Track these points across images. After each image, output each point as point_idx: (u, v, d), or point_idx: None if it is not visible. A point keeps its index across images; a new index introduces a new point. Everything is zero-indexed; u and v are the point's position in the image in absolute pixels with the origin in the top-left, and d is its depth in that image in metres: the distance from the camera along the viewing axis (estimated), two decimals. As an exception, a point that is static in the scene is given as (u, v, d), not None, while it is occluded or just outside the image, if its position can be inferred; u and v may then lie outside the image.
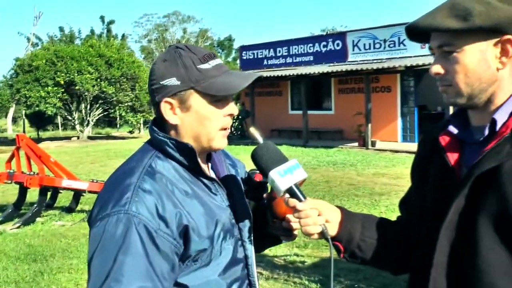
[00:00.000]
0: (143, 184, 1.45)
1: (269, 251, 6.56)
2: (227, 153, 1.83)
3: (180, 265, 1.48)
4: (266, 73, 22.05)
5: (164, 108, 1.53)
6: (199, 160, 1.54)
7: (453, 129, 1.47)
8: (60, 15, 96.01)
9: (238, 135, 23.54)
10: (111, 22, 41.28)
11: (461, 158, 1.45)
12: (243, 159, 1.93)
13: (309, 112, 20.94)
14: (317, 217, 1.53)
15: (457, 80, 1.38)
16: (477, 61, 1.35)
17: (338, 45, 21.57)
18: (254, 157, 1.56)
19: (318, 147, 19.05)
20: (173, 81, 1.51)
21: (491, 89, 1.38)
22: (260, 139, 1.62)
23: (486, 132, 1.39)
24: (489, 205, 1.32)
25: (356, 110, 19.35)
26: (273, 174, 1.50)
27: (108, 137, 31.01)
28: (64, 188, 8.85)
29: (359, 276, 5.53)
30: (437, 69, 1.42)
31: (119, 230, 1.37)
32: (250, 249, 1.65)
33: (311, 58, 22.58)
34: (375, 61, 19.71)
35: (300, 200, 1.51)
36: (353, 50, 21.04)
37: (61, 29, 40.40)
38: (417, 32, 1.44)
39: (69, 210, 9.31)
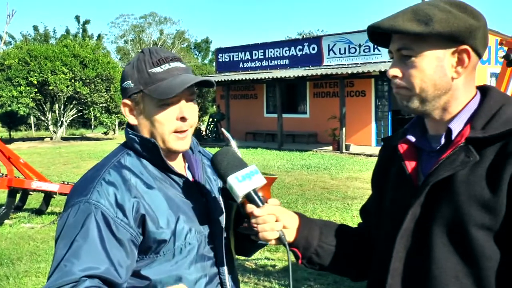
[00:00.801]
0: (107, 176, 1.54)
1: (240, 255, 6.54)
2: (207, 154, 1.85)
3: (143, 257, 1.53)
4: (241, 76, 22.06)
5: (124, 109, 1.63)
6: (163, 156, 1.58)
7: (411, 137, 1.49)
8: (34, 14, 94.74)
9: (213, 138, 23.48)
10: (87, 22, 40.92)
11: (419, 166, 1.47)
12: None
13: (284, 115, 20.99)
14: (275, 223, 1.53)
15: (412, 84, 1.40)
16: (434, 67, 1.37)
17: (313, 49, 21.67)
18: (213, 162, 1.57)
19: (293, 150, 19.10)
20: (129, 84, 1.59)
21: (445, 97, 1.40)
22: (232, 141, 1.66)
23: (442, 141, 1.42)
24: (443, 213, 1.34)
25: (331, 114, 19.46)
26: (231, 179, 1.51)
27: (82, 138, 30.63)
28: (34, 190, 8.71)
29: (329, 280, 5.56)
30: (394, 72, 1.43)
31: (79, 217, 1.47)
32: (221, 248, 1.67)
33: (287, 61, 22.64)
34: (350, 65, 19.86)
35: (258, 206, 1.52)
36: (329, 54, 21.15)
37: (35, 28, 39.97)
38: (378, 33, 1.45)
39: (39, 212, 9.17)
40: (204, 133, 24.09)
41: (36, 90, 25.72)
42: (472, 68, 1.40)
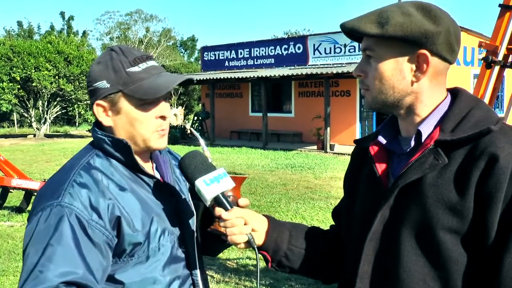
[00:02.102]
0: (78, 178, 1.49)
1: (221, 254, 6.52)
2: (174, 155, 1.84)
3: (117, 261, 1.50)
4: (227, 75, 22.02)
5: (97, 110, 1.58)
6: (136, 156, 1.56)
7: (382, 139, 1.49)
8: (19, 9, 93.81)
9: (198, 136, 23.39)
10: (71, 18, 40.63)
11: (389, 168, 1.47)
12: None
13: (269, 114, 21.00)
14: (243, 226, 1.51)
15: (373, 85, 1.41)
16: (392, 70, 1.37)
17: (299, 48, 21.70)
18: (181, 166, 1.56)
19: (277, 149, 19.10)
20: (103, 84, 1.54)
21: (407, 100, 1.40)
22: (201, 140, 1.67)
23: (412, 143, 1.41)
24: (412, 216, 1.34)
25: (315, 114, 19.49)
26: (199, 183, 1.49)
27: (66, 135, 30.38)
28: (14, 188, 8.63)
29: (309, 280, 5.55)
30: (357, 71, 1.45)
31: (51, 221, 1.41)
32: (193, 249, 1.65)
33: (272, 60, 22.65)
34: (335, 65, 19.91)
35: (226, 209, 1.50)
36: (314, 54, 21.20)
37: (20, 23, 39.56)
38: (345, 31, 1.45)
39: (19, 210, 9.06)
40: (189, 131, 24.03)
41: (19, 86, 25.51)
42: (437, 72, 1.39)
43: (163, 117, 1.58)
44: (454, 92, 1.45)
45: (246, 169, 14.34)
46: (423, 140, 1.38)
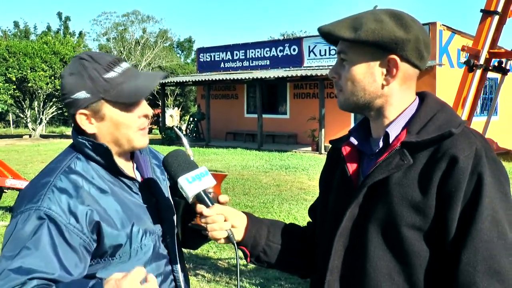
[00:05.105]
0: (58, 182, 1.52)
1: (213, 254, 6.59)
2: (155, 153, 1.89)
3: (99, 261, 1.54)
4: (222, 76, 22.06)
5: (80, 120, 1.59)
6: (116, 160, 1.60)
7: (354, 141, 1.56)
8: (15, 9, 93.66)
9: (193, 137, 23.46)
10: (68, 18, 40.62)
11: (360, 168, 1.53)
12: (197, 161, 1.92)
13: (264, 115, 21.05)
14: (223, 222, 1.59)
15: (345, 87, 1.48)
16: (363, 73, 1.45)
17: (294, 50, 21.77)
18: (164, 164, 1.62)
19: (272, 150, 19.15)
20: (83, 94, 1.56)
21: (378, 102, 1.47)
22: (184, 139, 1.72)
23: (381, 144, 1.48)
24: (378, 214, 1.41)
25: (310, 115, 19.55)
26: (181, 180, 1.55)
27: (62, 136, 30.34)
28: (8, 188, 8.66)
29: (299, 279, 5.61)
30: (331, 73, 1.53)
31: (30, 224, 1.44)
32: (174, 246, 1.71)
33: (268, 62, 22.71)
34: (330, 67, 19.79)
35: (207, 206, 1.57)
36: (309, 55, 21.27)
37: (16, 24, 39.52)
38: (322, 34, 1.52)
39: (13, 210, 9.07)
40: (184, 132, 24.08)
41: (14, 87, 25.51)
42: (406, 77, 1.46)
43: (146, 116, 1.64)
44: (422, 96, 1.52)
45: (240, 170, 14.39)
46: (390, 141, 1.45)
